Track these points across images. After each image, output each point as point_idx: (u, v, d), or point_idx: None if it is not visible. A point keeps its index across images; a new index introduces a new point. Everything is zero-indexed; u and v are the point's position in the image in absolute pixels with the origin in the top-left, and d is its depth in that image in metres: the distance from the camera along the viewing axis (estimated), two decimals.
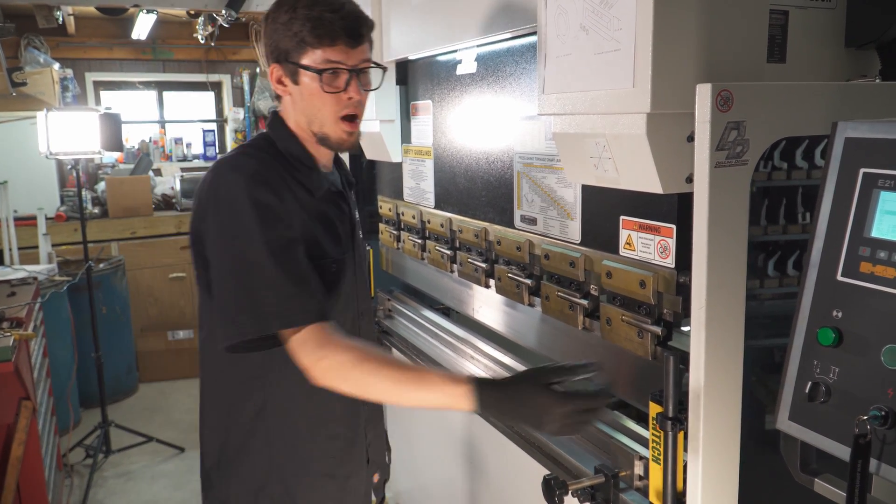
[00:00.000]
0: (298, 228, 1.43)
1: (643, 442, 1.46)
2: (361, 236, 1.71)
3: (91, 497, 3.79)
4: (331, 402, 1.53)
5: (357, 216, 1.69)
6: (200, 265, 1.48)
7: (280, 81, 1.50)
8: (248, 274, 1.37)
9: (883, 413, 0.89)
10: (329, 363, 1.35)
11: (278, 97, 1.55)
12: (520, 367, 1.96)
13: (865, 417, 0.89)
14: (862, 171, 0.96)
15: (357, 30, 1.45)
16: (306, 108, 1.49)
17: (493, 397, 1.27)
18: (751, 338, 1.21)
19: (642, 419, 1.56)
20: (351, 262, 1.58)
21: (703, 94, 1.09)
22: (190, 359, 5.52)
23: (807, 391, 0.98)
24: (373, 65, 1.52)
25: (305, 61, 1.44)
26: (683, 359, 1.22)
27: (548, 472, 1.47)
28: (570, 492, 1.39)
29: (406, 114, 2.44)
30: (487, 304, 2.10)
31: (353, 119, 1.51)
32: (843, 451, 0.94)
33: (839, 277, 0.97)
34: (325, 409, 1.57)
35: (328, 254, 1.50)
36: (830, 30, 1.43)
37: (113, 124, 3.81)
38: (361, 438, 1.66)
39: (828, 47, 1.44)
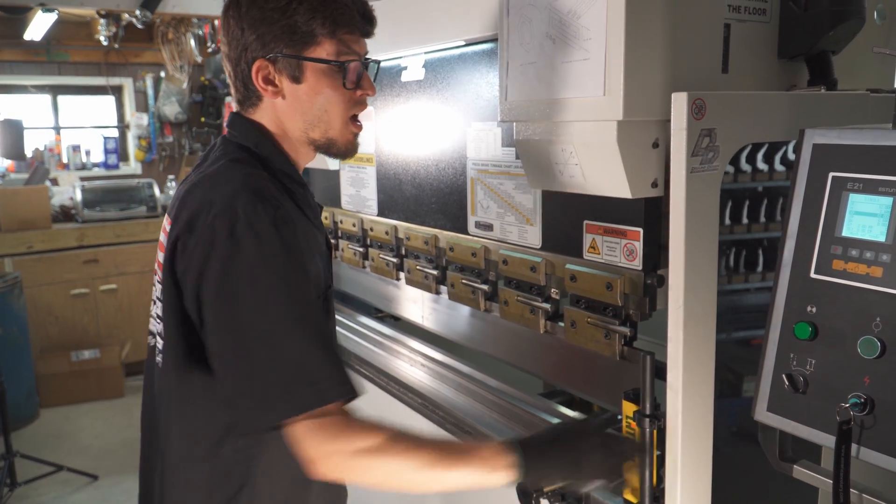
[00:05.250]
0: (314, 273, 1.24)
1: None
2: None
3: None
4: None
5: None
6: (178, 309, 1.21)
7: (269, 80, 1.27)
8: (288, 339, 1.13)
9: (862, 400, 0.95)
10: (357, 450, 1.11)
11: (248, 100, 1.32)
12: (462, 369, 1.97)
13: (847, 405, 0.96)
14: (831, 174, 1.03)
15: (371, 13, 1.28)
16: (309, 110, 1.28)
17: (537, 461, 1.19)
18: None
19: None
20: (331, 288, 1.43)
21: (679, 103, 1.13)
22: (96, 380, 5.22)
23: (785, 383, 1.04)
24: (373, 60, 1.34)
25: (318, 54, 1.24)
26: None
27: None
28: (545, 494, 1.41)
29: None
30: (436, 311, 2.10)
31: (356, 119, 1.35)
32: (822, 439, 1.00)
33: (812, 275, 1.03)
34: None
35: (327, 288, 1.35)
36: (765, 42, 1.52)
37: (14, 131, 3.57)
38: None
39: (763, 59, 1.52)
